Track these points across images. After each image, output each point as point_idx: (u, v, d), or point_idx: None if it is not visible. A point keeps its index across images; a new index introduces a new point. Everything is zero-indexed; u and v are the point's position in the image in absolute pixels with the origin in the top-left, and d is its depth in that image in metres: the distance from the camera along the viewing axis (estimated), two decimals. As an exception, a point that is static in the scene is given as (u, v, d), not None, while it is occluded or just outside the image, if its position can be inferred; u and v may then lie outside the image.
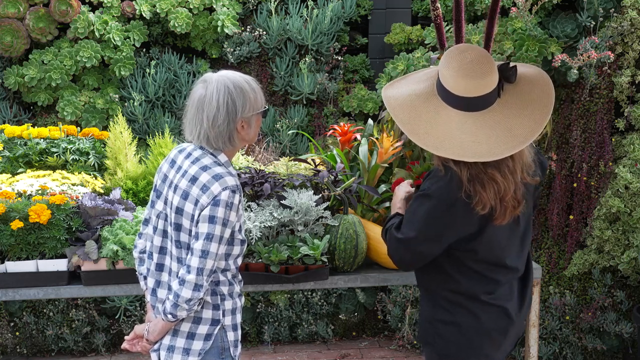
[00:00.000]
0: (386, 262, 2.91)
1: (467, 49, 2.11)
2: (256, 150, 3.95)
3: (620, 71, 3.89)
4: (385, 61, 4.78)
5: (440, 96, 2.14)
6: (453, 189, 2.09)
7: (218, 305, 2.24)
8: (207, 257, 2.11)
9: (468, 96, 2.08)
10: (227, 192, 2.11)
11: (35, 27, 4.41)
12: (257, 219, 2.77)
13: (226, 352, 2.26)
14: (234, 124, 2.16)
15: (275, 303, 4.56)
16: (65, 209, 2.79)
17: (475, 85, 2.07)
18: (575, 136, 4.06)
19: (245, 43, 4.74)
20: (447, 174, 2.11)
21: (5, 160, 3.40)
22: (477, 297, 2.23)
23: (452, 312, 2.25)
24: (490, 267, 2.23)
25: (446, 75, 2.10)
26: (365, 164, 3.14)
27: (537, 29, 4.01)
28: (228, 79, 2.17)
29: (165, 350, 2.25)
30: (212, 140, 2.18)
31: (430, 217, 2.14)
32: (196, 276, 2.11)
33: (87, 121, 4.48)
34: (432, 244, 2.18)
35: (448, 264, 2.23)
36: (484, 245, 2.18)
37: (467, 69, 2.07)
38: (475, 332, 2.24)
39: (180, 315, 2.17)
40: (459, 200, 2.09)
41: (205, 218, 2.11)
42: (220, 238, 2.13)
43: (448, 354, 2.29)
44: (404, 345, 4.58)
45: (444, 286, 2.26)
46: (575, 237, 4.13)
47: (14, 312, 4.42)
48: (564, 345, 4.21)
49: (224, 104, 2.14)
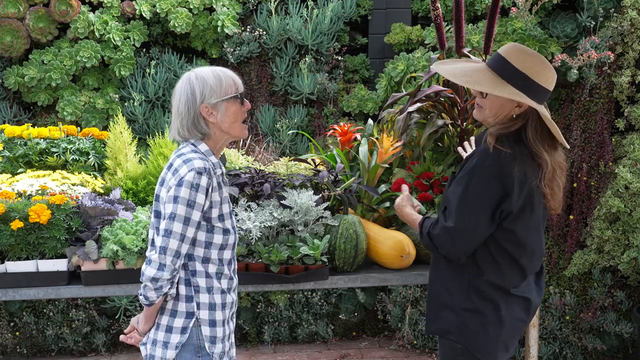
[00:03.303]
0: (386, 262, 2.91)
1: (526, 47, 2.30)
2: (256, 150, 3.95)
3: (620, 71, 3.89)
4: (385, 61, 4.78)
5: (518, 87, 2.22)
6: (504, 165, 2.16)
7: (192, 297, 2.23)
8: (169, 236, 2.13)
9: (549, 88, 2.26)
10: (193, 173, 2.13)
11: (35, 27, 4.41)
12: (257, 219, 2.77)
13: (203, 351, 2.24)
14: (195, 110, 2.21)
15: (275, 303, 4.56)
16: (65, 209, 2.79)
17: (554, 77, 2.28)
18: (575, 136, 4.06)
19: (245, 43, 4.74)
20: (497, 153, 2.18)
21: (5, 160, 3.40)
22: (506, 290, 2.28)
23: (480, 302, 2.28)
24: (524, 256, 2.29)
25: (535, 67, 2.22)
26: (365, 164, 3.14)
27: (537, 29, 4.01)
28: (195, 71, 2.25)
29: (150, 344, 2.28)
30: (180, 129, 2.24)
31: (479, 191, 2.19)
32: (159, 254, 2.13)
33: (87, 121, 4.48)
34: (484, 218, 2.21)
35: (481, 253, 2.27)
36: (521, 229, 2.25)
37: (548, 62, 2.27)
38: (501, 323, 2.28)
39: (151, 297, 2.17)
40: (509, 176, 2.16)
41: (170, 199, 2.14)
42: (184, 219, 2.13)
43: (472, 345, 2.30)
44: (404, 345, 4.58)
45: (476, 276, 2.29)
46: (575, 237, 4.13)
47: (14, 312, 4.42)
48: (564, 345, 4.21)
49: (184, 93, 2.21)
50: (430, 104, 3.23)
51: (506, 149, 2.17)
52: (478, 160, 2.22)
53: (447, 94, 3.20)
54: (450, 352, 2.37)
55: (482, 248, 2.26)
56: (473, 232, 2.22)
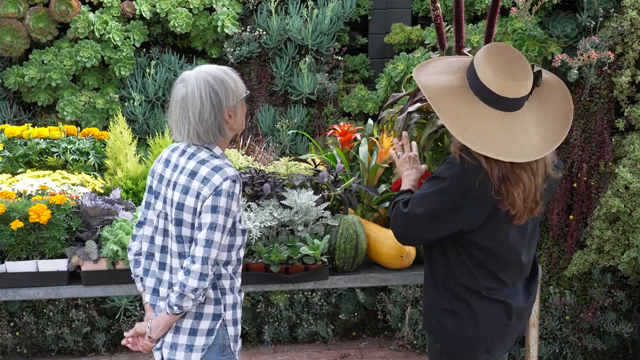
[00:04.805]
0: (386, 262, 2.91)
1: (508, 49, 2.15)
2: (256, 150, 3.94)
3: (620, 71, 3.89)
4: (385, 61, 4.78)
5: (474, 91, 2.16)
6: (468, 177, 2.13)
7: (219, 300, 2.25)
8: (211, 246, 2.14)
9: (507, 97, 2.12)
10: (228, 182, 2.15)
11: (35, 27, 4.41)
12: (257, 219, 2.77)
13: (227, 349, 2.27)
14: (222, 115, 2.20)
15: (275, 303, 4.56)
16: (65, 209, 2.79)
17: (516, 87, 2.11)
18: (575, 136, 4.06)
19: (245, 43, 4.74)
20: (462, 162, 2.14)
21: (5, 160, 3.40)
22: (478, 292, 2.27)
23: (454, 303, 2.28)
24: (495, 264, 2.26)
25: (489, 73, 2.12)
26: (365, 164, 3.14)
27: (537, 29, 4.01)
28: (206, 73, 2.21)
29: (168, 348, 2.25)
30: (203, 135, 2.21)
31: (440, 198, 2.17)
32: (201, 265, 2.14)
33: (87, 121, 4.48)
34: (435, 226, 2.20)
35: (453, 255, 2.26)
36: (488, 240, 2.21)
37: (511, 70, 2.11)
38: (476, 324, 2.27)
39: (186, 307, 2.19)
40: (472, 189, 2.13)
41: (208, 208, 2.14)
42: (223, 227, 2.16)
43: (449, 346, 2.31)
44: (404, 345, 4.58)
45: (449, 276, 2.29)
46: (575, 237, 4.13)
47: (14, 312, 4.42)
48: (564, 345, 4.21)
49: (208, 98, 2.17)
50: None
51: (471, 159, 2.12)
52: (443, 167, 2.20)
53: (447, 94, 3.20)
54: (432, 350, 2.40)
55: (453, 251, 2.25)
56: (417, 232, 2.24)
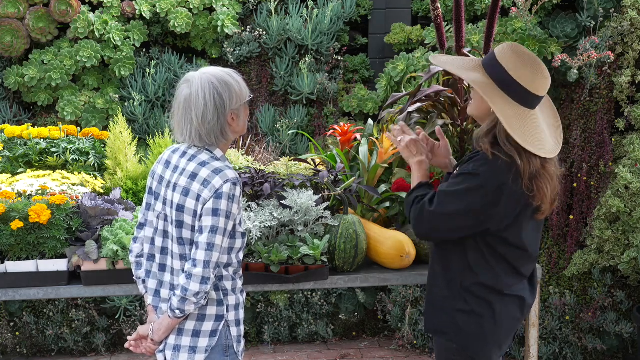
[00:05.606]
0: (386, 262, 2.91)
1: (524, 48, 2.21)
2: (256, 150, 3.94)
3: (620, 71, 3.89)
4: (385, 61, 4.78)
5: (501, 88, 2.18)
6: (502, 174, 2.14)
7: (222, 301, 2.26)
8: (212, 249, 2.14)
9: (538, 94, 2.17)
10: (229, 184, 2.14)
11: (35, 27, 4.42)
12: (257, 219, 2.77)
13: (230, 350, 2.27)
14: (225, 118, 2.19)
15: (275, 303, 4.56)
16: (65, 209, 2.79)
17: (546, 84, 2.18)
18: (575, 136, 4.06)
19: (245, 43, 4.74)
20: (496, 159, 2.15)
21: (5, 160, 3.40)
22: (499, 290, 2.28)
23: (472, 302, 2.28)
24: (519, 259, 2.28)
25: (524, 72, 2.15)
26: (365, 164, 3.14)
27: (537, 29, 4.01)
28: (211, 74, 2.20)
29: (171, 350, 2.26)
30: (205, 137, 2.20)
31: (474, 195, 2.17)
32: (203, 269, 2.13)
33: (87, 121, 4.48)
34: (466, 223, 2.20)
35: (473, 252, 2.26)
36: (516, 235, 2.23)
37: (541, 68, 2.17)
38: (496, 323, 2.28)
39: (188, 310, 2.18)
40: (506, 185, 2.13)
41: (208, 211, 2.13)
42: (224, 230, 2.16)
43: (467, 345, 2.30)
44: (404, 345, 4.58)
45: (466, 276, 2.28)
46: (575, 237, 4.13)
47: (14, 312, 4.42)
48: (564, 345, 4.21)
49: (212, 100, 2.16)
50: (430, 104, 3.23)
51: (504, 156, 2.14)
52: (476, 164, 2.20)
53: (447, 94, 3.20)
54: (445, 351, 2.37)
55: (475, 250, 2.25)
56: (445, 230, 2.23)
